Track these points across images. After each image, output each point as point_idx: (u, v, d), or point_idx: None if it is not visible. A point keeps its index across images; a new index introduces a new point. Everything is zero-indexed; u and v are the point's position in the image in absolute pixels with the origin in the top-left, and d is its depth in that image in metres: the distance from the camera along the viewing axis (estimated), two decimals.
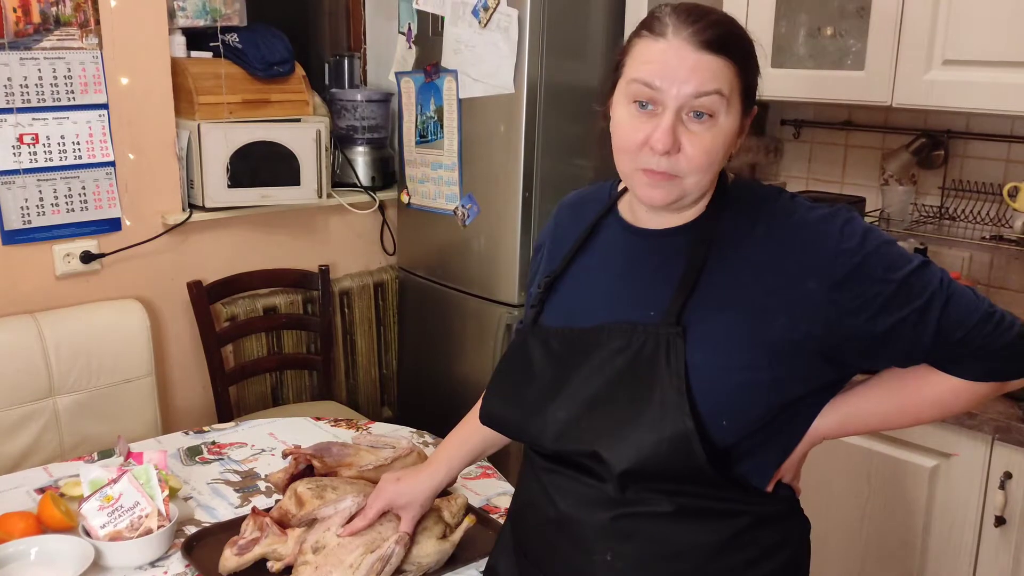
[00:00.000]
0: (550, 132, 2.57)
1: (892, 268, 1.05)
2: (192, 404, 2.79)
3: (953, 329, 1.06)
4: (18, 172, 2.33)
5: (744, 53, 1.06)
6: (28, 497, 1.68)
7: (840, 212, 1.08)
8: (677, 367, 1.06)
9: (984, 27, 1.95)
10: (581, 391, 1.11)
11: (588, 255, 1.22)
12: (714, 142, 1.05)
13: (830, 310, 1.04)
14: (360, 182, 3.09)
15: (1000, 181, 2.29)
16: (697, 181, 1.07)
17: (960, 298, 1.07)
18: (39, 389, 2.30)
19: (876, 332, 1.05)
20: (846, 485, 2.10)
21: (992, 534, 1.91)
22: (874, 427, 1.20)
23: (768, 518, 1.15)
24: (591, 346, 1.13)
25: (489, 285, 2.72)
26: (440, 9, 2.67)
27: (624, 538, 1.12)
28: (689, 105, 1.03)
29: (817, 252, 1.05)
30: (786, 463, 1.15)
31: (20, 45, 2.28)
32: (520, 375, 1.18)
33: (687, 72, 1.02)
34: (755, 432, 1.09)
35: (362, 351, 3.14)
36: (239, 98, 2.66)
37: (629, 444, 1.06)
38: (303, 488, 1.46)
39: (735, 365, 1.06)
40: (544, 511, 1.19)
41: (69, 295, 2.47)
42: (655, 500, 1.10)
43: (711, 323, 1.07)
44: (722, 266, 1.09)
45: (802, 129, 2.65)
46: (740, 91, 1.06)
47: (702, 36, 1.03)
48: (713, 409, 1.05)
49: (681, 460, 1.05)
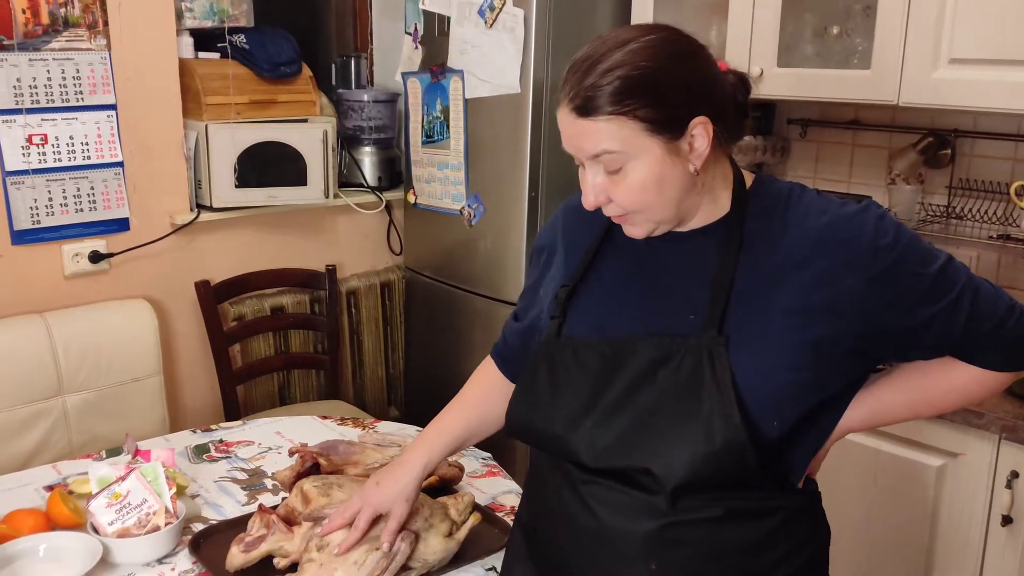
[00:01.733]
0: (556, 132, 2.55)
1: (925, 262, 1.07)
2: (200, 403, 2.80)
3: (982, 320, 1.09)
4: (27, 172, 2.35)
5: (636, 95, 1.01)
6: (37, 494, 1.69)
7: (872, 208, 1.09)
8: (724, 377, 1.05)
9: (991, 26, 1.94)
10: (624, 406, 1.09)
11: (606, 260, 1.20)
12: (631, 184, 1.05)
13: (869, 305, 1.05)
14: (367, 182, 3.09)
15: (1007, 180, 2.28)
16: (654, 213, 1.08)
17: (985, 290, 1.10)
18: (48, 388, 2.31)
19: (912, 325, 1.07)
20: (853, 484, 2.10)
21: (999, 533, 1.91)
22: (900, 418, 1.22)
23: (798, 512, 1.16)
24: (627, 357, 1.11)
25: (495, 285, 2.73)
26: (446, 9, 2.68)
27: (672, 546, 1.10)
28: (596, 161, 1.06)
29: (854, 248, 1.06)
30: (815, 457, 1.17)
31: (29, 46, 2.29)
32: (547, 387, 1.16)
33: (575, 139, 1.07)
34: (796, 430, 1.10)
35: (369, 351, 3.14)
36: (246, 99, 2.67)
37: (681, 459, 1.05)
38: (309, 486, 1.46)
39: (781, 367, 1.06)
40: (579, 521, 1.15)
41: (78, 295, 2.48)
42: (705, 506, 1.09)
43: (752, 327, 1.07)
44: (756, 267, 1.09)
45: (809, 128, 2.65)
46: (645, 130, 1.02)
47: (575, 103, 1.04)
48: (763, 413, 1.06)
49: (734, 469, 1.05)
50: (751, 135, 2.66)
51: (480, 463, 1.85)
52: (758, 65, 2.30)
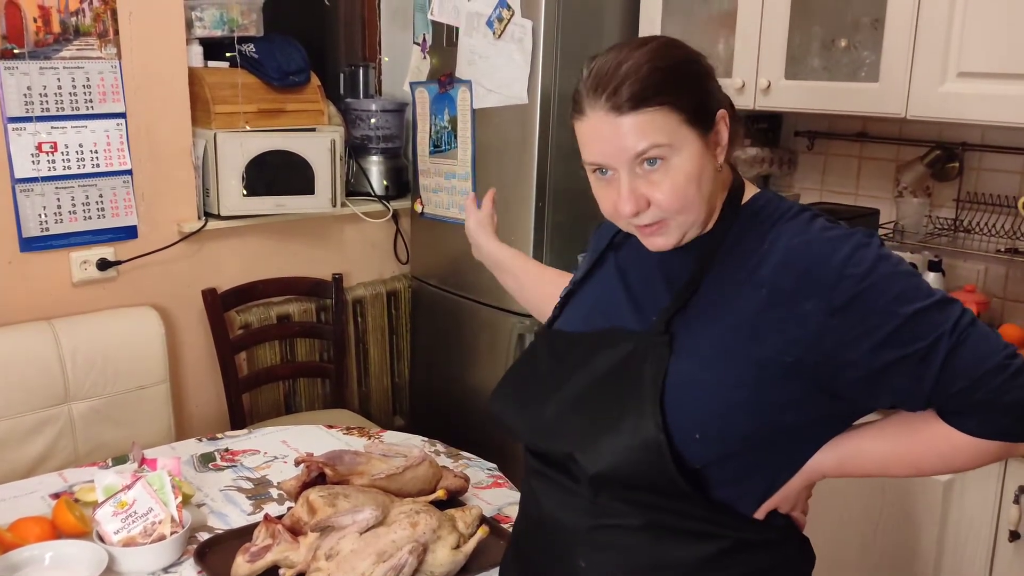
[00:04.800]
0: (564, 142, 2.57)
1: (900, 301, 0.98)
2: (206, 411, 2.80)
3: (954, 379, 0.98)
4: (36, 180, 2.36)
5: (671, 85, 1.03)
6: (43, 502, 1.69)
7: (855, 235, 1.03)
8: (656, 375, 1.05)
9: (999, 39, 1.94)
10: (567, 392, 1.13)
11: (610, 263, 1.24)
12: (675, 181, 1.04)
13: (826, 336, 0.99)
14: (374, 191, 3.10)
15: (1015, 194, 2.28)
16: (687, 217, 1.07)
17: (975, 345, 0.98)
18: (55, 395, 2.31)
19: (873, 367, 0.99)
20: (860, 498, 2.09)
21: (1006, 549, 1.90)
22: (872, 471, 1.11)
23: (754, 544, 1.11)
24: (586, 349, 1.15)
25: (501, 295, 2.72)
26: (455, 20, 2.68)
27: (600, 549, 1.12)
28: (636, 162, 1.04)
29: (819, 273, 1.00)
30: (780, 494, 1.10)
31: (40, 55, 2.30)
32: (525, 374, 1.22)
33: (617, 141, 1.03)
34: (737, 455, 1.06)
35: (375, 360, 3.14)
36: (255, 107, 2.68)
37: (603, 448, 1.06)
38: (315, 496, 1.47)
39: (718, 380, 1.03)
40: (531, 513, 1.22)
41: (85, 302, 2.49)
42: (626, 512, 1.09)
43: (699, 335, 1.07)
44: (722, 279, 1.08)
45: (816, 141, 2.65)
46: (685, 121, 1.03)
47: (614, 102, 1.02)
48: (687, 421, 1.03)
49: (651, 469, 1.04)
50: (758, 147, 2.66)
51: (486, 474, 1.85)
52: (765, 77, 2.30)
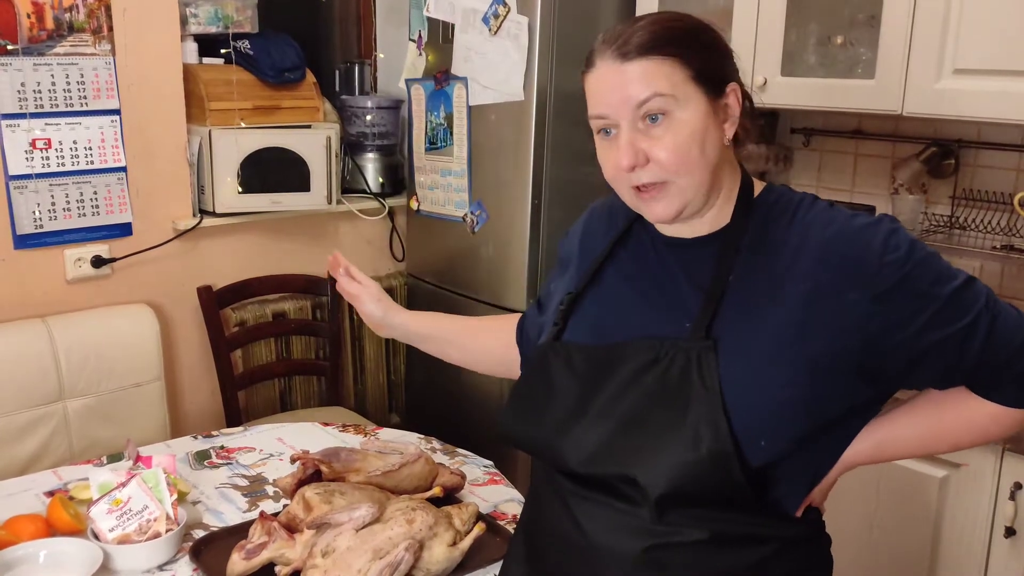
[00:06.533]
0: (559, 139, 2.57)
1: (939, 282, 1.01)
2: (201, 408, 2.79)
3: (998, 350, 1.02)
4: (30, 177, 2.35)
5: (681, 41, 1.04)
6: (37, 500, 1.69)
7: (884, 221, 1.04)
8: (712, 384, 1.01)
9: (995, 36, 1.94)
10: (612, 410, 1.07)
11: (614, 268, 1.19)
12: (677, 138, 1.03)
13: (873, 323, 1.00)
14: (369, 188, 3.09)
15: (1011, 190, 2.28)
16: (689, 181, 1.05)
17: (1006, 318, 1.03)
18: (49, 393, 2.30)
19: (919, 348, 1.01)
20: (855, 494, 2.09)
21: (1002, 545, 1.90)
22: (911, 453, 1.14)
23: (794, 543, 1.11)
24: (616, 362, 1.09)
25: (498, 292, 2.72)
26: (450, 16, 2.68)
27: (657, 569, 1.06)
28: (638, 115, 1.03)
29: (860, 262, 1.01)
30: (818, 488, 1.11)
31: (34, 51, 2.29)
32: (542, 393, 1.14)
33: (620, 87, 1.03)
34: (791, 454, 1.04)
35: (370, 357, 3.14)
36: (250, 104, 2.67)
37: (666, 467, 1.01)
38: (311, 493, 1.46)
39: (774, 382, 1.01)
40: (571, 539, 1.13)
41: (80, 299, 2.48)
42: (691, 527, 1.05)
43: (745, 336, 1.03)
44: (753, 275, 1.06)
45: (812, 138, 2.65)
46: (692, 78, 1.04)
47: (623, 49, 1.03)
48: (750, 428, 1.00)
49: (720, 482, 1.01)
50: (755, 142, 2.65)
51: (482, 471, 1.85)
52: (762, 74, 2.30)
